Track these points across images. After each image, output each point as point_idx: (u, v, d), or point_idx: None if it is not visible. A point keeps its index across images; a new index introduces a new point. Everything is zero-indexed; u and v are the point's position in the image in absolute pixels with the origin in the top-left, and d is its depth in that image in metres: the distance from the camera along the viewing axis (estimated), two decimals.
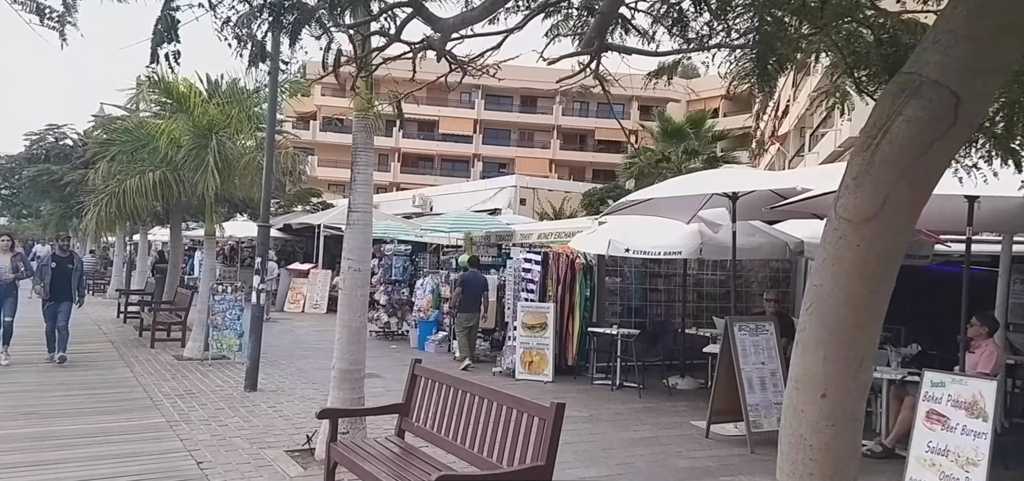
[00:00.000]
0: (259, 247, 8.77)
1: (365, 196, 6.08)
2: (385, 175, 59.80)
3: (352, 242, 6.02)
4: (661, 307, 10.94)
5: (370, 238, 6.20)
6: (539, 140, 63.55)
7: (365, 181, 6.12)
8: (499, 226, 13.18)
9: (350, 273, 6.01)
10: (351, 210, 6.05)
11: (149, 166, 10.66)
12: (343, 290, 6.04)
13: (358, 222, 6.02)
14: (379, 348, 13.14)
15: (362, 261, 6.05)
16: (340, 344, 6.01)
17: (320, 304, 20.47)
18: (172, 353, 11.47)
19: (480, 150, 62.30)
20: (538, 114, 63.14)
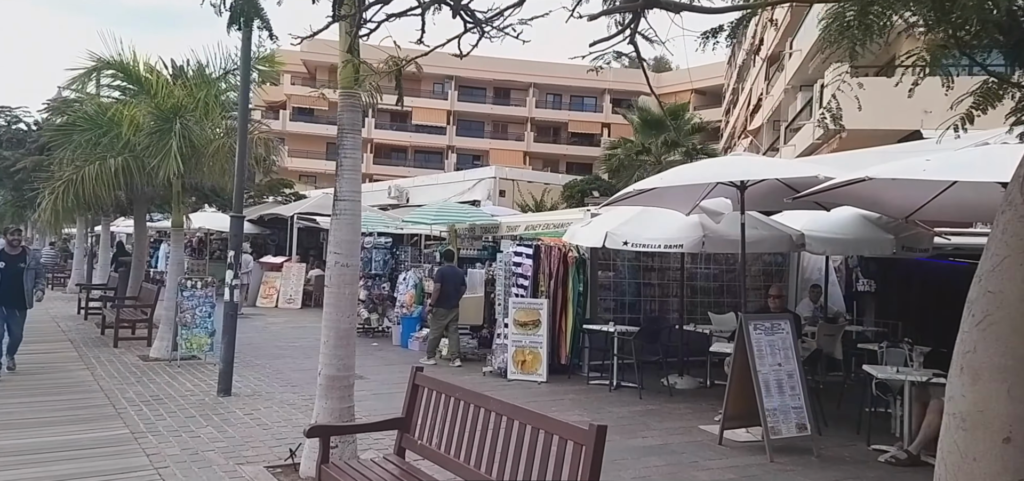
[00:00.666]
0: (232, 239, 8.12)
1: (352, 184, 5.51)
2: None
3: (339, 235, 5.45)
4: (655, 302, 10.54)
5: (359, 230, 5.64)
6: (513, 132, 63.11)
7: (352, 167, 5.54)
8: (484, 217, 12.66)
9: (337, 269, 5.44)
10: (338, 199, 5.48)
11: (110, 152, 9.88)
12: (330, 287, 5.47)
13: (346, 213, 5.46)
14: (360, 346, 12.37)
15: (350, 255, 5.48)
16: (327, 348, 5.44)
17: (294, 299, 19.72)
18: (137, 353, 10.73)
19: (454, 142, 61.66)
20: (512, 106, 62.70)
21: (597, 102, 62.79)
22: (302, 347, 12.17)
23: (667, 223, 8.07)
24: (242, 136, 8.15)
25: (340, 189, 5.46)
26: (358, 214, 5.55)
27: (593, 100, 63.07)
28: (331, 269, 5.48)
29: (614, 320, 9.79)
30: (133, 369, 9.52)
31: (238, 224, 8.16)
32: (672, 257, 10.59)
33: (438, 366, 10.59)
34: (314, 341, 13.51)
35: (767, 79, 30.79)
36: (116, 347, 11.23)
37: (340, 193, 5.46)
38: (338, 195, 5.46)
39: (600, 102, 62.40)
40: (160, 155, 9.36)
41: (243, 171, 8.16)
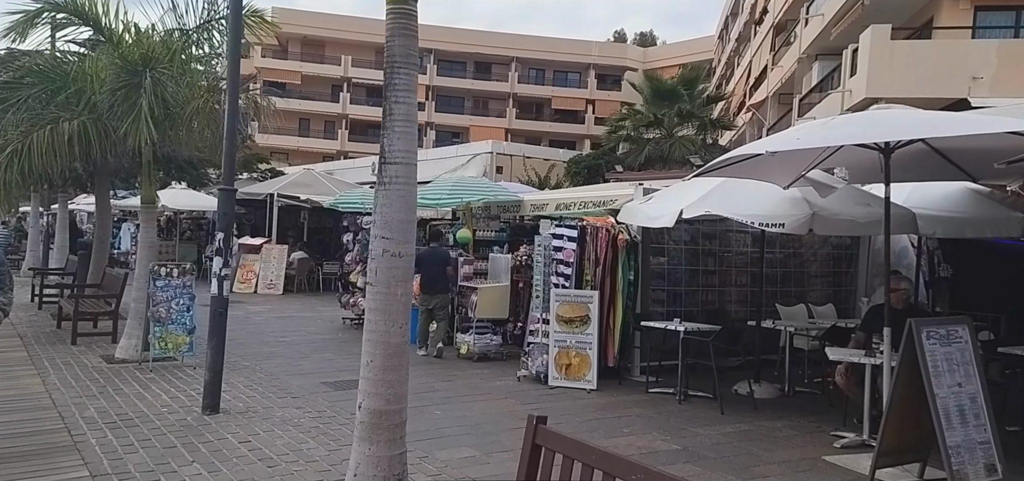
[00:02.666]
0: (222, 219, 6.47)
1: (406, 139, 3.99)
2: (332, 143, 56.62)
3: (389, 212, 3.92)
4: (714, 293, 9.14)
5: (414, 204, 4.11)
6: (494, 108, 61.42)
7: (406, 116, 4.02)
8: (504, 194, 11.12)
9: (386, 261, 3.90)
10: (386, 161, 3.94)
11: (65, 114, 8.09)
12: (375, 287, 3.93)
13: (397, 181, 3.92)
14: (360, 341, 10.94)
15: (404, 241, 3.95)
16: (371, 372, 3.91)
17: (275, 284, 17.99)
18: (100, 352, 9.02)
19: (433, 118, 59.79)
20: (493, 81, 60.91)
21: (581, 77, 61.24)
22: (294, 343, 10.56)
23: (758, 198, 6.64)
24: (232, 89, 6.48)
25: (389, 147, 3.92)
26: (413, 183, 4.03)
27: (577, 75, 61.51)
28: (377, 261, 3.94)
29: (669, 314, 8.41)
30: (95, 375, 7.84)
31: (229, 199, 6.52)
32: (734, 239, 9.21)
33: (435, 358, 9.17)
34: (305, 335, 11.94)
35: (773, 50, 29.52)
36: (75, 345, 9.49)
37: (389, 152, 3.92)
38: (387, 155, 3.92)
39: (585, 77, 60.86)
40: (128, 118, 7.62)
41: (234, 133, 6.52)
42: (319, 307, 15.38)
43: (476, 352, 9.28)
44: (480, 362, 9.24)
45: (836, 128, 5.24)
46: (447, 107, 60.57)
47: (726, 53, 44.12)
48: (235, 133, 6.54)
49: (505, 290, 9.57)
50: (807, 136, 5.20)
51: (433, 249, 10.08)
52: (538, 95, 61.12)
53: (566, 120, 59.62)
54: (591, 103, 60.24)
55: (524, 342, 8.85)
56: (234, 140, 6.56)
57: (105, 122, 8.23)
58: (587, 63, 60.55)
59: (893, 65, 17.00)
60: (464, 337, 9.51)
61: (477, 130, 55.47)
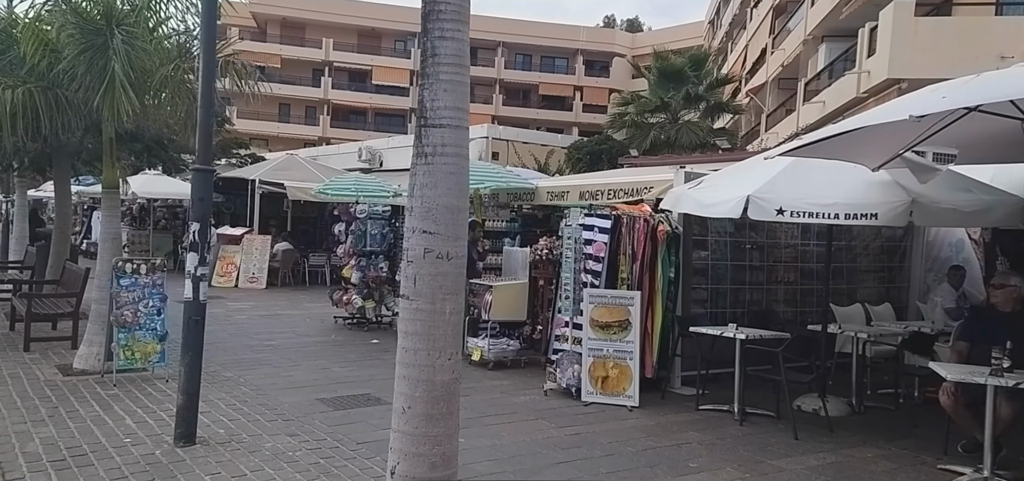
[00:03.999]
0: (197, 206, 5.27)
1: (456, 92, 2.93)
2: (313, 129, 54.99)
3: (432, 193, 2.82)
4: (760, 292, 8.11)
5: (466, 184, 3.01)
6: (480, 95, 60.01)
7: (456, 58, 2.97)
8: (516, 181, 10.00)
9: (428, 264, 2.81)
10: (427, 124, 2.84)
11: (6, 81, 6.82)
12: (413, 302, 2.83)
13: (445, 151, 2.83)
14: (357, 345, 9.81)
15: (452, 236, 2.86)
16: (408, 423, 2.84)
17: (258, 277, 16.72)
18: (56, 362, 7.79)
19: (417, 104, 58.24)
20: (479, 67, 59.38)
21: (569, 63, 60.15)
22: (282, 347, 9.39)
23: (841, 184, 5.61)
24: (207, 46, 5.28)
25: (432, 103, 2.82)
26: (465, 154, 2.93)
27: (565, 61, 60.40)
28: (416, 265, 2.82)
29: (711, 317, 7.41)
30: (47, 391, 6.62)
31: (205, 182, 5.32)
32: (780, 229, 8.19)
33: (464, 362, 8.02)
34: (295, 336, 10.67)
35: (773, 33, 28.59)
36: (27, 351, 8.24)
37: (432, 110, 2.81)
38: (428, 115, 2.81)
39: (572, 63, 59.78)
40: (98, 87, 6.37)
41: (210, 104, 5.32)
42: (306, 303, 14.17)
43: (491, 359, 8.18)
44: (497, 370, 8.15)
45: (1002, 82, 4.18)
46: None
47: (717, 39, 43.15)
48: (211, 101, 5.34)
49: (523, 288, 8.47)
50: (955, 94, 4.14)
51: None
52: (525, 81, 59.97)
53: (553, 107, 58.53)
54: (579, 89, 59.21)
55: (547, 348, 7.77)
56: (210, 110, 5.36)
57: (57, 92, 6.98)
58: (575, 48, 59.46)
59: (916, 44, 16.11)
60: (476, 341, 8.41)
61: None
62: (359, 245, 11.14)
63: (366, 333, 10.76)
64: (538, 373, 8.05)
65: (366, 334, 10.66)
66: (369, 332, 10.84)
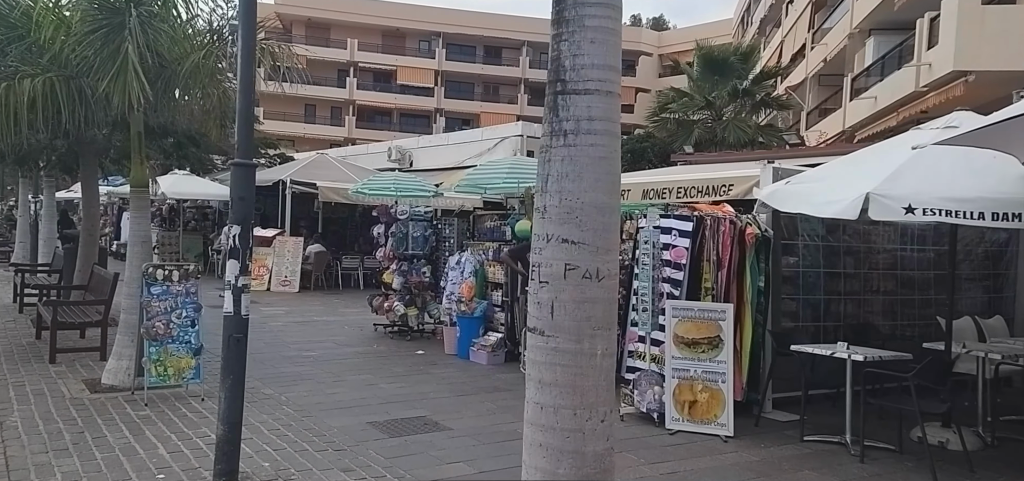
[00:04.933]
0: (237, 206, 4.58)
1: (606, 46, 2.15)
2: (339, 130, 54.73)
3: (575, 186, 2.12)
4: (855, 303, 7.24)
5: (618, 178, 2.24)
6: (505, 94, 59.60)
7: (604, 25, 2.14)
8: None
9: (570, 285, 2.09)
10: (566, 90, 2.10)
11: (26, 69, 6.21)
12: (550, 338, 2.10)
13: (593, 127, 2.09)
14: (402, 356, 9.11)
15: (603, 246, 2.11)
16: None
17: (290, 280, 16.16)
18: (84, 376, 7.20)
19: (442, 104, 58.02)
20: (504, 66, 59.04)
21: None
22: (322, 359, 8.72)
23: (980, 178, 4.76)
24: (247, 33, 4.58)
25: (573, 60, 2.15)
26: (617, 132, 2.15)
27: None
28: (554, 285, 2.13)
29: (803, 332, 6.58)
30: (73, 411, 6.00)
31: (246, 178, 4.64)
32: (875, 233, 7.32)
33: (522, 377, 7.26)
34: (334, 346, 9.69)
35: (812, 28, 27.44)
36: (53, 364, 7.66)
37: (573, 69, 2.16)
38: (567, 78, 2.12)
39: None
40: (111, 71, 5.74)
41: (250, 89, 4.63)
42: (342, 308, 13.55)
43: None
44: None
45: None
46: (457, 93, 58.81)
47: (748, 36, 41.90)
48: (252, 86, 4.65)
49: None
50: None
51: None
52: None
53: None
54: None
55: (617, 365, 6.98)
56: (251, 96, 4.67)
57: (79, 81, 6.36)
58: None
59: (984, 34, 15.02)
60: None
61: (487, 116, 53.64)
62: (400, 248, 10.45)
63: (409, 343, 10.06)
64: None
65: (409, 344, 9.96)
66: (412, 342, 10.15)
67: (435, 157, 24.10)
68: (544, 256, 2.19)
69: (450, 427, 6.00)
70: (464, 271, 9.34)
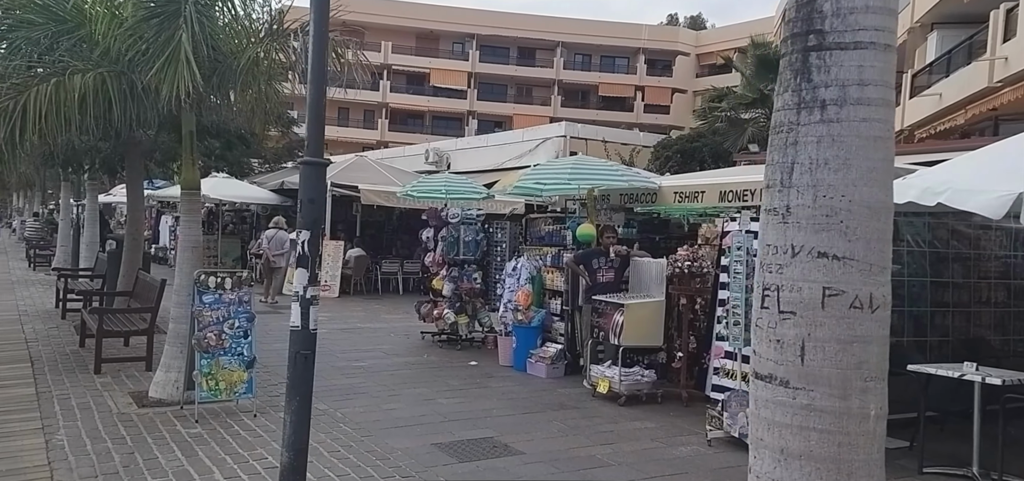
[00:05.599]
0: (305, 209, 4.14)
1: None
2: (372, 133, 54.80)
3: (842, 179, 1.65)
4: (964, 316, 6.55)
5: (893, 163, 1.67)
6: (538, 96, 59.06)
7: None
8: (636, 180, 8.66)
9: (833, 315, 1.55)
10: (826, 43, 1.55)
11: (75, 64, 5.87)
12: (797, 382, 1.54)
13: (863, 102, 1.54)
14: (455, 368, 8.64)
15: (879, 263, 1.55)
16: None
17: (330, 285, 15.83)
18: (130, 388, 6.85)
19: (475, 106, 57.67)
20: (537, 67, 58.48)
21: (630, 62, 58.42)
22: (373, 370, 8.28)
23: None
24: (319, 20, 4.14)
25: (839, 6, 1.47)
26: (893, 102, 1.58)
27: (625, 60, 58.69)
28: (805, 315, 1.59)
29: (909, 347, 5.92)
30: (122, 428, 5.63)
31: (317, 176, 4.20)
32: (987, 239, 6.63)
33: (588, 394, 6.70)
34: (383, 356, 9.01)
35: None
36: (98, 374, 7.33)
37: (834, 18, 1.50)
38: (825, 26, 1.52)
39: (633, 62, 58.02)
40: (160, 63, 5.36)
41: (321, 75, 4.19)
42: (384, 315, 13.16)
43: (623, 392, 6.86)
44: (630, 406, 6.82)
45: None
46: (489, 95, 58.44)
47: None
48: (324, 75, 4.21)
49: (658, 308, 7.12)
50: None
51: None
52: (584, 81, 58.55)
53: (613, 107, 56.86)
54: (640, 89, 57.42)
55: (701, 382, 6.42)
56: (322, 87, 4.23)
57: (130, 75, 6.00)
58: (636, 47, 57.73)
59: None
60: (603, 370, 7.11)
61: (520, 118, 53.19)
62: (451, 253, 9.99)
63: (460, 352, 9.58)
64: (680, 411, 6.72)
65: (460, 354, 9.48)
66: (462, 351, 9.68)
67: (473, 159, 23.72)
68: (787, 276, 1.61)
69: (521, 451, 5.48)
70: (520, 278, 8.83)
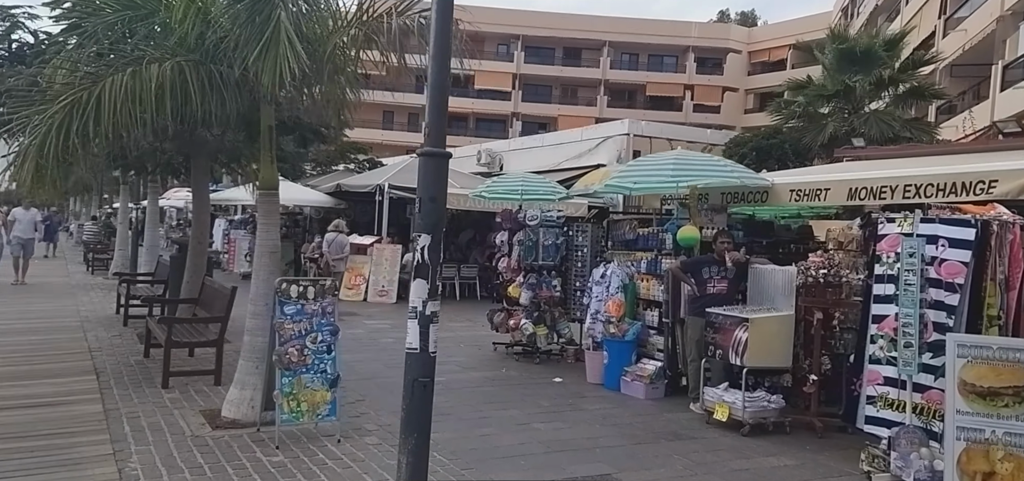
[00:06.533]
0: (425, 209, 3.46)
1: None
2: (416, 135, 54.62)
3: None
4: None
5: None
6: (583, 96, 58.24)
7: None
8: (747, 178, 7.81)
9: None
10: None
11: (152, 53, 5.33)
12: None
13: None
14: (540, 385, 7.92)
15: None
16: None
17: (388, 290, 15.34)
18: (201, 406, 6.31)
19: (519, 108, 57.18)
20: (583, 67, 57.62)
21: (678, 61, 57.11)
22: (453, 386, 7.61)
23: None
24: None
25: None
26: None
27: (674, 59, 57.39)
28: None
29: None
30: (198, 454, 5.07)
31: (438, 170, 3.52)
32: None
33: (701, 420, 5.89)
34: (459, 368, 7.27)
35: (943, 13, 24.86)
36: (166, 389, 6.82)
37: None
38: None
39: (682, 61, 56.68)
40: (259, 47, 4.77)
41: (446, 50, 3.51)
42: (448, 322, 12.47)
43: (748, 420, 6.02)
44: (755, 437, 5.99)
45: None
46: (534, 96, 57.86)
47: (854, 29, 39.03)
48: (448, 52, 3.54)
49: (788, 323, 6.27)
50: None
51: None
52: (631, 81, 57.49)
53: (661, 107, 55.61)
54: (689, 88, 56.06)
55: (849, 412, 5.54)
56: (446, 65, 3.56)
57: (210, 67, 5.44)
58: (685, 45, 56.41)
59: None
60: (720, 394, 6.28)
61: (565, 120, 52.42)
62: (529, 258, 9.27)
63: (539, 366, 8.86)
64: (816, 444, 5.86)
65: (540, 368, 8.75)
66: (541, 365, 8.95)
67: (526, 160, 23.01)
68: None
69: None
70: (611, 286, 8.05)
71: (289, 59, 4.46)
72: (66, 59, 5.29)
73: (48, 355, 8.25)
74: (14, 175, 5.07)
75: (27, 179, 4.78)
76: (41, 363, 7.80)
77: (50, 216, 25.94)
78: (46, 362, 7.87)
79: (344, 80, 5.78)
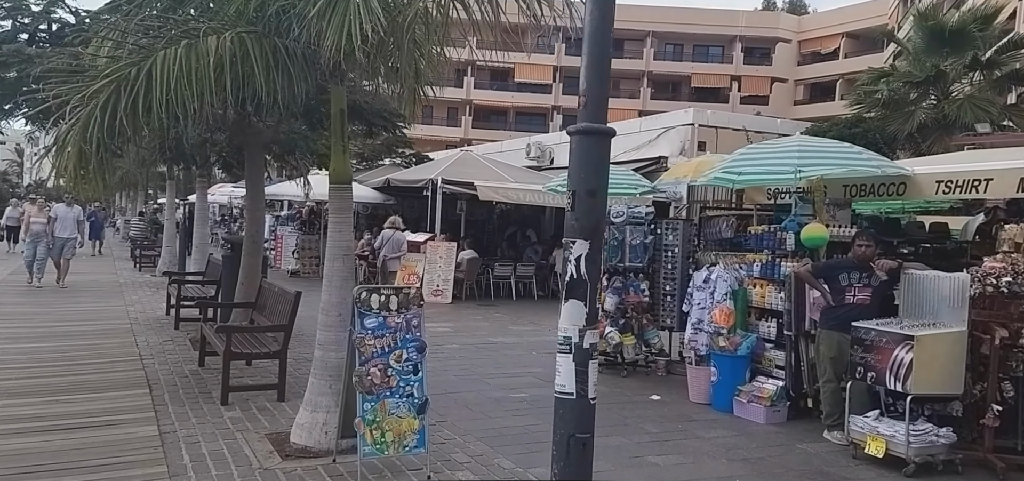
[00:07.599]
0: (580, 207, 2.55)
1: None
2: (455, 130, 54.06)
3: None
4: None
5: None
6: (626, 88, 56.84)
7: None
8: (887, 167, 6.72)
9: None
10: None
11: (210, 25, 4.53)
12: None
13: None
14: (638, 405, 6.97)
15: None
16: None
17: (443, 290, 14.52)
18: (265, 428, 5.54)
19: (560, 101, 56.15)
20: (626, 58, 56.20)
21: (724, 51, 55.39)
22: (538, 403, 6.66)
23: None
24: None
25: None
26: None
27: (720, 49, 55.65)
28: None
29: None
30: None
31: (599, 156, 2.63)
32: None
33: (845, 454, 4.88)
34: (538, 381, 5.75)
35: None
36: (226, 406, 6.07)
37: None
38: None
39: (729, 51, 54.95)
40: (328, 16, 3.93)
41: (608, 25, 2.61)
42: (510, 325, 11.69)
43: (913, 457, 4.98)
44: (922, 478, 4.95)
45: None
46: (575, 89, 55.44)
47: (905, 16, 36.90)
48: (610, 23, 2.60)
49: (961, 342, 5.20)
50: None
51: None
52: (675, 72, 55.96)
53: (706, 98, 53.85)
54: (736, 79, 54.33)
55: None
56: (609, 18, 2.62)
57: (273, 40, 4.62)
58: (732, 35, 54.65)
59: None
60: (874, 424, 5.26)
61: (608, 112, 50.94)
62: (614, 259, 8.32)
63: (628, 380, 7.91)
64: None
65: (630, 382, 7.80)
66: (629, 378, 8.01)
67: None
68: None
69: None
70: (716, 291, 7.06)
71: (362, 16, 3.59)
72: (112, 30, 4.51)
73: (97, 363, 7.61)
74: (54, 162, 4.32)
75: (68, 166, 4.02)
76: (89, 373, 7.15)
77: (95, 212, 25.80)
78: (95, 372, 7.22)
79: (425, 59, 4.90)
